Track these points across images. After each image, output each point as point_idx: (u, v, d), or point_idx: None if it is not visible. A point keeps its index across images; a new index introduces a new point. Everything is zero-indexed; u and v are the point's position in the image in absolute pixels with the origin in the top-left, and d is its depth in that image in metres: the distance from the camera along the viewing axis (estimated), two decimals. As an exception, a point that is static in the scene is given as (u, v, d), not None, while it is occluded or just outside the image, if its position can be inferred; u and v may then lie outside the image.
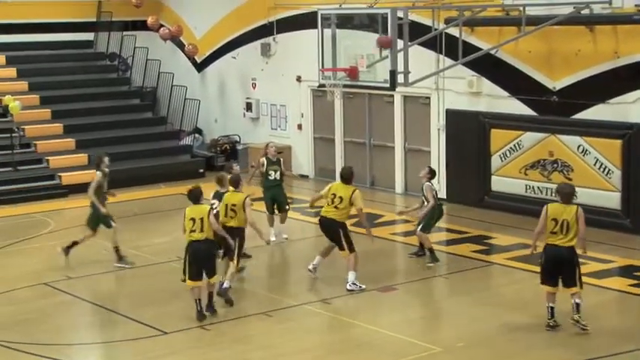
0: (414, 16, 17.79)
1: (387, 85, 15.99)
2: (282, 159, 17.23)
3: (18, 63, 25.19)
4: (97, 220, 15.52)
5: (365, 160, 21.65)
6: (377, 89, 18.46)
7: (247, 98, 25.05)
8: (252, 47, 24.62)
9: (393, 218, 18.53)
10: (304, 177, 15.79)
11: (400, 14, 15.92)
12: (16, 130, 22.83)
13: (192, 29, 26.47)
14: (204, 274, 12.69)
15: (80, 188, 21.67)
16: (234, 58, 25.40)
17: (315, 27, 17.13)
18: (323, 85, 17.78)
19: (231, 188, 13.79)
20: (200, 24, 26.27)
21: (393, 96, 20.79)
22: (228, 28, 25.36)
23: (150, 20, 25.81)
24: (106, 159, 15.93)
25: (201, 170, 23.86)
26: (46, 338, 12.39)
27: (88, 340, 12.67)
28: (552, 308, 12.11)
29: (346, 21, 17.08)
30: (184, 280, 12.76)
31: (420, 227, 15.40)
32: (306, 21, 21.65)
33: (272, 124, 24.50)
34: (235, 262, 13.47)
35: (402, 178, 21.10)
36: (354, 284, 13.98)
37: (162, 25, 26.04)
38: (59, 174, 22.27)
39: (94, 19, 26.90)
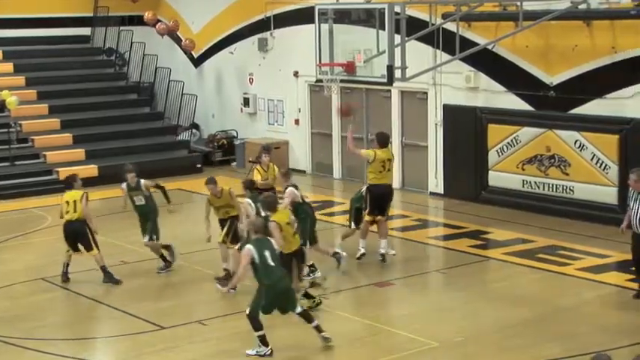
0: (411, 11, 17.78)
1: (385, 80, 15.98)
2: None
3: (15, 58, 25.17)
4: None
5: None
6: (374, 84, 18.45)
7: (244, 93, 25.03)
8: (249, 42, 24.61)
9: (390, 213, 18.50)
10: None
11: (397, 9, 15.92)
12: (13, 125, 22.81)
13: (189, 24, 26.45)
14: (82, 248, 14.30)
15: (77, 183, 21.76)
16: (232, 53, 25.38)
17: (313, 22, 17.12)
18: (320, 80, 17.76)
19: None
20: (197, 19, 26.24)
21: (390, 91, 20.79)
22: (225, 23, 25.34)
23: (147, 15, 25.80)
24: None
25: (199, 165, 23.86)
26: (44, 333, 12.40)
27: (86, 335, 12.67)
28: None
29: (343, 16, 17.06)
30: (68, 251, 14.39)
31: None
32: (303, 16, 21.65)
33: (269, 119, 24.50)
34: None
35: (399, 174, 21.09)
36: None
37: (159, 20, 26.03)
38: (56, 169, 22.25)
39: (91, 14, 26.87)
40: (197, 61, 26.56)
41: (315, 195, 21.21)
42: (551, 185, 18.12)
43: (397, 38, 15.88)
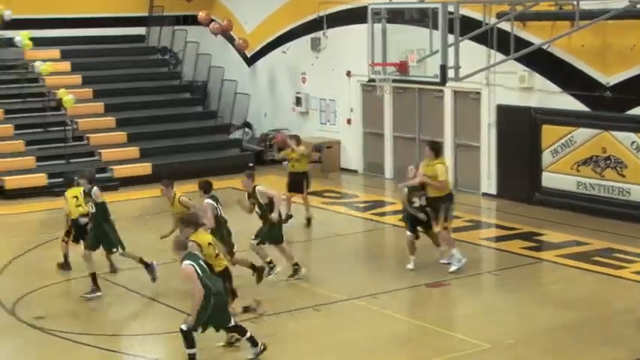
0: (464, 11, 17.65)
1: (438, 80, 15.92)
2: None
3: (72, 57, 25.52)
4: None
5: (414, 155, 21.55)
6: (427, 84, 18.39)
7: (297, 93, 25.08)
8: (302, 42, 24.65)
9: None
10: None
11: (451, 9, 15.82)
12: (69, 123, 23.16)
13: (242, 24, 26.59)
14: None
15: (131, 181, 22.03)
16: (284, 52, 25.45)
17: (366, 21, 17.09)
18: (373, 80, 17.75)
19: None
20: (250, 18, 26.36)
21: (443, 91, 20.67)
22: (278, 22, 25.42)
23: (201, 15, 26.00)
24: None
25: (251, 164, 23.96)
26: (98, 329, 12.55)
27: (138, 331, 12.79)
28: None
29: (396, 15, 17.03)
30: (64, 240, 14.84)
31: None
32: (356, 15, 21.61)
33: (321, 119, 24.52)
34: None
35: (451, 174, 20.93)
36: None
37: (212, 20, 26.21)
38: (111, 167, 22.53)
39: (146, 14, 27.16)
40: (250, 61, 26.69)
41: (367, 195, 21.20)
42: (606, 187, 17.85)
43: (450, 38, 15.78)
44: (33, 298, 13.84)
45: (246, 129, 26.17)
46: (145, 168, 22.54)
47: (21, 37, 24.40)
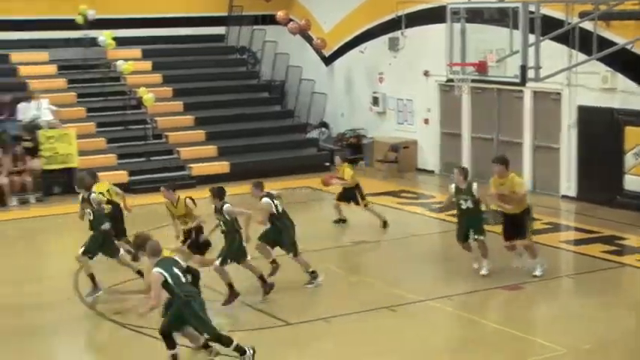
0: (545, 10, 17.36)
1: (517, 80, 15.70)
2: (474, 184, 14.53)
3: (153, 57, 25.92)
4: None
5: (492, 156, 21.26)
6: (506, 84, 18.17)
7: (374, 92, 25.04)
8: (380, 41, 24.60)
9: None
10: None
11: (532, 8, 15.60)
12: (149, 121, 23.55)
13: (320, 23, 26.65)
14: None
15: (208, 180, 22.21)
16: (362, 52, 25.43)
17: (444, 21, 16.96)
18: (451, 80, 17.60)
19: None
20: (329, 18, 26.41)
21: (522, 91, 20.39)
22: (356, 22, 25.41)
23: (279, 14, 26.16)
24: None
25: (327, 164, 23.99)
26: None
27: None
28: None
29: (476, 15, 16.84)
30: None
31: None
32: (434, 15, 21.48)
33: (398, 119, 24.43)
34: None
35: (530, 176, 20.66)
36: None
37: (291, 19, 26.34)
38: (189, 165, 22.82)
39: (226, 14, 27.45)
40: (328, 60, 26.74)
41: (443, 195, 20.97)
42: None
43: (531, 38, 15.56)
44: (111, 293, 14.09)
45: (323, 128, 26.23)
46: (222, 166, 22.78)
47: (104, 36, 24.90)
